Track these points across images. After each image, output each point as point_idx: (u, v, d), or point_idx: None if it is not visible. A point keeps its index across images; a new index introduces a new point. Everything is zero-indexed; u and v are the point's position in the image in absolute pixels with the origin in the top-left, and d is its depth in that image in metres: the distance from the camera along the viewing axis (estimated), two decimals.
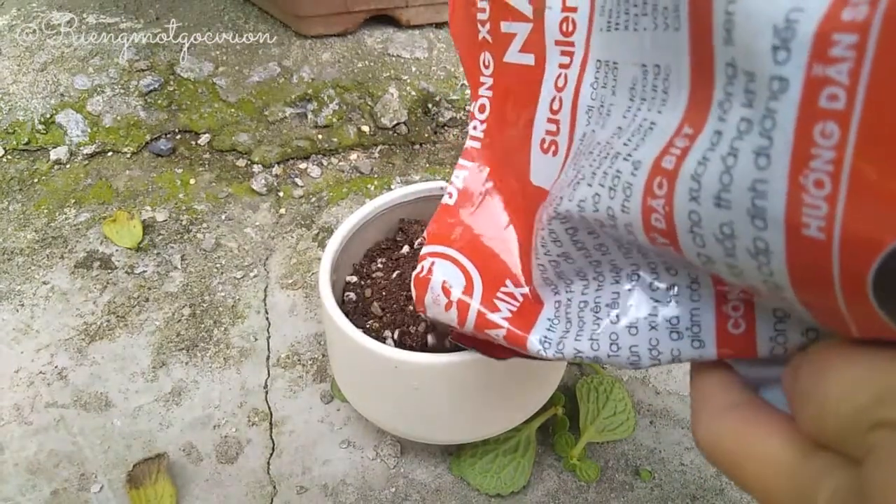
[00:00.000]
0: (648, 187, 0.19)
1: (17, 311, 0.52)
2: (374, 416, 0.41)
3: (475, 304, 0.28)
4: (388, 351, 0.36)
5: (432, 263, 0.30)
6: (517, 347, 0.27)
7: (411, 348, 0.38)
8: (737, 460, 0.19)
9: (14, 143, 0.64)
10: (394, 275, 0.43)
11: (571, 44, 0.26)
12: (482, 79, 0.30)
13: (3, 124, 0.64)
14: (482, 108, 0.30)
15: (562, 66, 0.26)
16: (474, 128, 0.31)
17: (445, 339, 0.39)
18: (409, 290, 0.41)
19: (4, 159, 0.63)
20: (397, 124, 0.66)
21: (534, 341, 0.26)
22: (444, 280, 0.29)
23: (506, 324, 0.28)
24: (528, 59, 0.28)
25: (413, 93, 0.68)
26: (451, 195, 0.31)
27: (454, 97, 0.68)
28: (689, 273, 0.21)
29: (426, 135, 0.66)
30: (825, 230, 0.14)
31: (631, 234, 0.20)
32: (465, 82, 0.70)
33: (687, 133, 0.18)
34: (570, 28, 0.26)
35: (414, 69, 0.70)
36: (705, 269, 0.19)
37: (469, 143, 0.31)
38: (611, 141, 0.22)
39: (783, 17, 0.14)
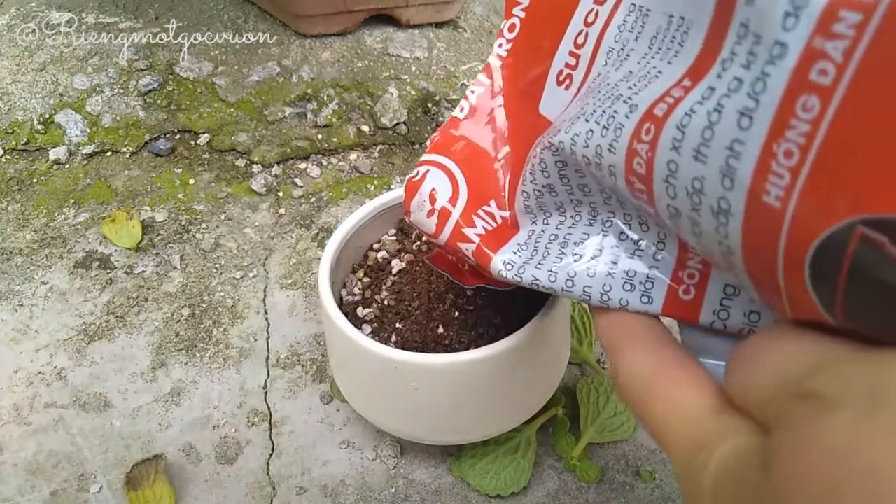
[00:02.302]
0: (637, 131, 0.19)
1: (17, 311, 0.52)
2: (374, 417, 0.41)
3: (455, 214, 0.30)
4: (388, 351, 0.36)
5: (426, 171, 0.31)
6: (482, 267, 0.28)
7: (412, 348, 0.38)
8: (647, 399, 0.20)
9: (13, 142, 0.63)
10: (394, 274, 0.43)
11: None
12: None
13: (2, 124, 0.64)
14: (511, 28, 0.30)
15: (597, 1, 0.26)
16: (499, 45, 0.31)
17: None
18: (410, 292, 0.41)
19: (3, 159, 0.63)
20: (397, 124, 0.66)
21: (497, 262, 0.27)
22: (433, 188, 0.30)
23: (477, 239, 0.29)
24: None
25: (413, 92, 0.68)
26: (462, 109, 0.32)
27: (454, 97, 0.68)
28: (658, 232, 0.22)
29: (426, 135, 0.66)
30: (782, 199, 0.14)
31: (612, 177, 0.21)
32: (465, 82, 0.69)
33: (685, 85, 0.18)
34: None
35: (414, 69, 0.70)
36: (672, 225, 0.19)
37: (491, 60, 0.31)
38: (618, 84, 0.22)
39: None
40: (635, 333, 0.22)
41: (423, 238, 0.44)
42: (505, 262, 0.27)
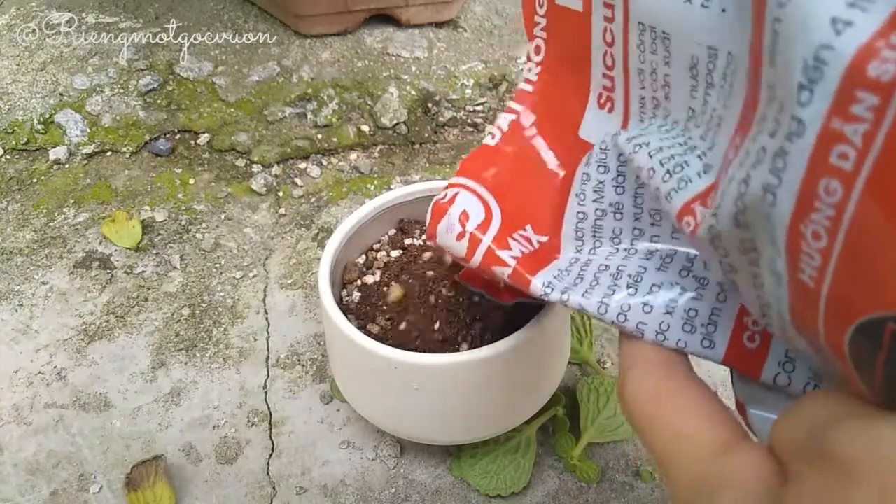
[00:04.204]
0: (704, 195, 0.18)
1: (16, 311, 0.52)
2: (374, 417, 0.41)
3: (488, 238, 0.28)
4: (388, 351, 0.36)
5: (456, 193, 0.29)
6: (520, 287, 0.27)
7: (412, 348, 0.38)
8: (655, 423, 0.19)
9: (13, 142, 0.63)
10: (395, 274, 0.43)
11: None
12: (537, 18, 0.29)
13: (1, 124, 0.64)
14: (537, 50, 0.29)
15: (606, 18, 0.25)
16: (528, 70, 0.30)
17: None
18: (411, 292, 0.41)
19: (3, 159, 0.63)
20: (397, 124, 0.66)
21: (537, 283, 0.26)
22: (464, 209, 0.29)
23: (513, 262, 0.27)
24: (577, 5, 0.26)
25: (413, 92, 0.68)
26: (493, 136, 0.30)
27: (454, 97, 0.68)
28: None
29: (426, 134, 0.66)
30: (815, 280, 0.14)
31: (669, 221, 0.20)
32: (465, 82, 0.69)
33: (736, 143, 0.17)
34: None
35: (414, 69, 0.70)
36: (729, 279, 0.18)
37: (522, 86, 0.30)
38: (688, 125, 0.21)
39: (813, 54, 0.13)
40: (644, 348, 0.22)
41: (425, 238, 0.44)
42: (545, 284, 0.26)
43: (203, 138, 0.65)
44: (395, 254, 0.44)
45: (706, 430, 0.18)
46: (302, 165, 0.63)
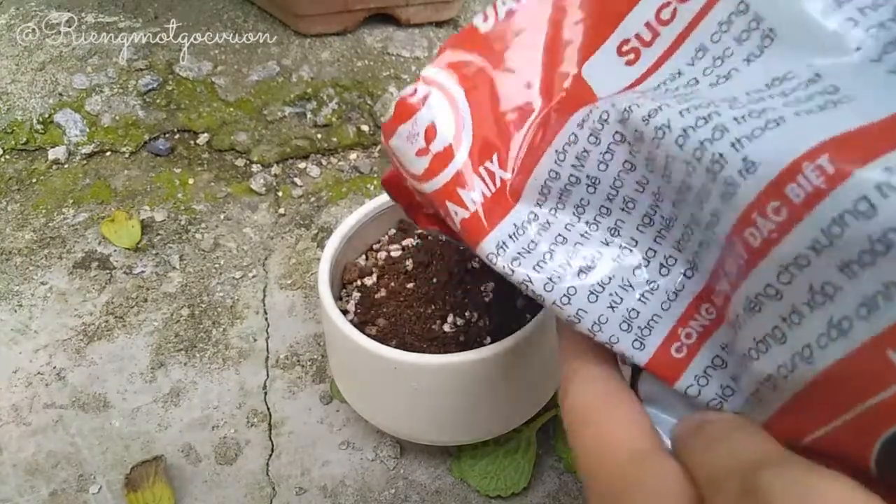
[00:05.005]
0: (761, 202, 0.16)
1: (16, 311, 0.52)
2: (374, 417, 0.41)
3: (450, 169, 0.24)
4: (388, 351, 0.36)
5: (427, 93, 0.24)
6: (470, 238, 0.23)
7: (411, 348, 0.38)
8: (581, 427, 0.20)
9: (12, 142, 0.63)
10: (394, 270, 0.43)
11: None
12: None
13: (1, 124, 0.64)
14: None
15: None
16: None
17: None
18: (411, 291, 0.41)
19: (2, 159, 0.63)
20: None
21: (490, 242, 0.23)
22: (432, 121, 0.24)
23: (473, 207, 0.23)
24: None
25: None
26: (486, 19, 0.25)
27: None
28: (677, 281, 0.21)
29: None
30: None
31: (688, 204, 0.19)
32: None
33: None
34: None
35: (414, 68, 0.70)
36: (758, 301, 0.17)
37: None
38: (720, 103, 0.18)
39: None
40: (587, 361, 0.22)
41: (421, 232, 0.44)
42: (498, 245, 0.23)
43: (202, 138, 0.64)
44: (395, 254, 0.44)
45: (629, 437, 0.19)
46: (301, 165, 0.63)
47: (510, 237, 0.23)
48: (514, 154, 0.24)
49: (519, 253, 0.23)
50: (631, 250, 0.22)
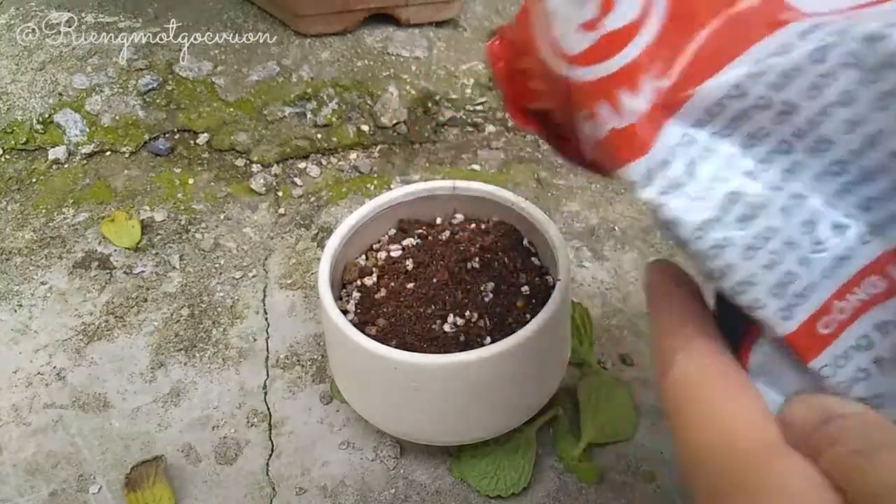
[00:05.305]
0: None
1: (16, 311, 0.52)
2: (374, 417, 0.41)
3: (620, 58, 0.19)
4: (388, 351, 0.36)
5: None
6: (613, 157, 0.19)
7: (411, 348, 0.38)
8: (703, 410, 0.18)
9: (12, 142, 0.63)
10: (394, 272, 0.43)
11: None
12: None
13: (1, 124, 0.64)
14: None
15: None
16: None
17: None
18: (411, 291, 0.41)
19: (3, 159, 0.63)
20: (397, 123, 0.66)
21: (641, 165, 0.19)
22: None
23: (633, 117, 0.19)
24: None
25: (413, 92, 0.68)
26: None
27: (454, 96, 0.68)
28: (861, 234, 0.18)
29: (426, 134, 0.66)
30: None
31: None
32: (465, 82, 0.69)
33: None
34: None
35: (413, 68, 0.70)
36: None
37: None
38: None
39: None
40: (695, 333, 0.20)
41: (420, 231, 0.44)
42: (648, 172, 0.19)
43: (202, 138, 0.64)
44: (395, 254, 0.44)
45: (751, 424, 0.17)
46: (301, 165, 0.63)
47: (662, 163, 0.19)
48: (684, 57, 0.19)
49: (670, 185, 0.18)
50: (805, 201, 0.18)
